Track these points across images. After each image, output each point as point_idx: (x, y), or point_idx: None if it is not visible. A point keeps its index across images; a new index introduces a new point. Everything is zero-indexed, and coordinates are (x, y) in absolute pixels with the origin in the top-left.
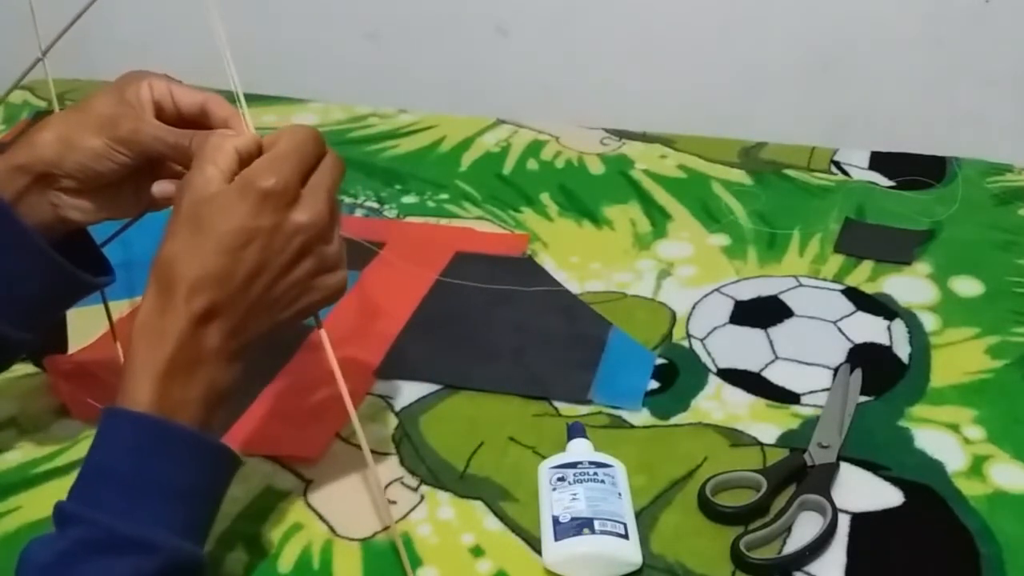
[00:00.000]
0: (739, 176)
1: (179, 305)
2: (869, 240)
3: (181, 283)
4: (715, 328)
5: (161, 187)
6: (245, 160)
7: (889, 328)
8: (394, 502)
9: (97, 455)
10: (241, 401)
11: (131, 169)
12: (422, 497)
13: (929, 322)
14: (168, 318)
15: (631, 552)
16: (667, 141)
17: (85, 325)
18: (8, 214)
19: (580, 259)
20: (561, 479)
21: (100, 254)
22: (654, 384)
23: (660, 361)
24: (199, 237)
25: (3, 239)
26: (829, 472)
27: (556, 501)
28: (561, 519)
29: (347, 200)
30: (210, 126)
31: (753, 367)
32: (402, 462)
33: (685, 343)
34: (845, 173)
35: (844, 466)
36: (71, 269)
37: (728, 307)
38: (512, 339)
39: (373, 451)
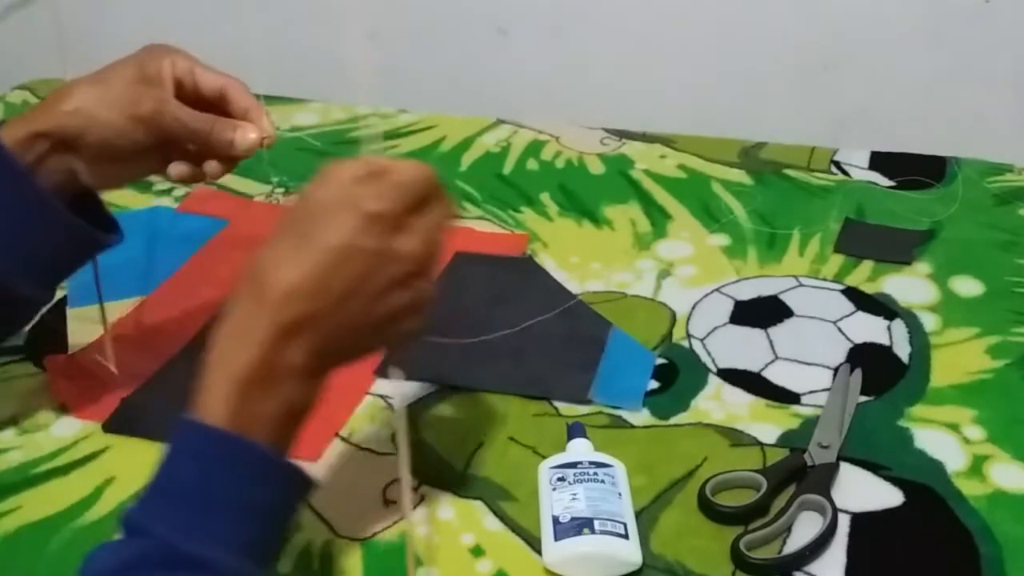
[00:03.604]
0: (739, 176)
1: (268, 315)
2: (869, 240)
3: (272, 291)
4: (715, 328)
5: (178, 169)
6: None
7: (889, 328)
8: (393, 501)
9: (166, 465)
10: None
11: (149, 144)
12: (422, 497)
13: (929, 322)
14: (254, 325)
15: (631, 552)
16: (667, 141)
17: (85, 325)
18: (26, 178)
19: (580, 259)
20: (561, 479)
21: (107, 212)
22: (654, 384)
23: (660, 361)
24: (300, 248)
25: (23, 202)
26: (829, 472)
27: (556, 501)
28: (561, 519)
29: None
30: (228, 111)
31: (753, 367)
32: None
33: (685, 343)
34: (845, 173)
35: (844, 466)
36: (88, 228)
37: (728, 307)
38: (512, 339)
39: (373, 451)
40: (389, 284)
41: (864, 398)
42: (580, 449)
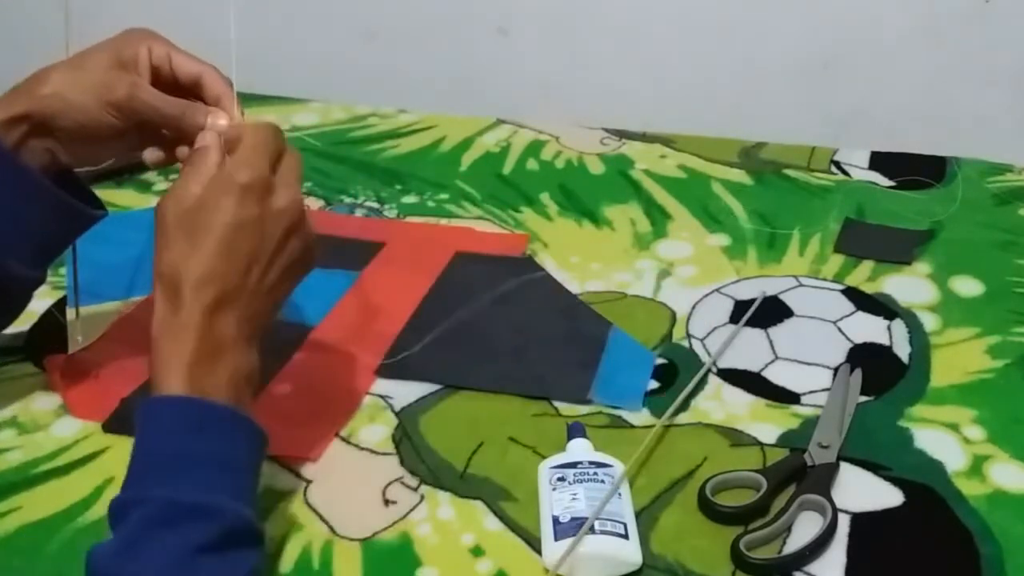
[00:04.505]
0: (739, 176)
1: (190, 303)
2: (869, 240)
3: (187, 284)
4: (715, 328)
5: (153, 155)
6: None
7: (889, 328)
8: (393, 502)
9: (141, 444)
10: None
11: (123, 128)
12: (422, 497)
13: (929, 322)
14: (182, 316)
15: (631, 552)
16: (667, 141)
17: (85, 325)
18: (11, 158)
19: (580, 259)
20: (561, 479)
21: (89, 190)
22: (654, 384)
23: (660, 361)
24: (193, 239)
25: (11, 181)
26: (829, 472)
27: (556, 501)
28: (561, 519)
29: (347, 200)
30: (203, 98)
31: (753, 367)
32: (402, 462)
33: (685, 343)
34: (845, 173)
35: (844, 466)
36: (75, 203)
37: (728, 307)
38: (512, 339)
39: (373, 451)
40: (280, 241)
41: (864, 398)
42: (580, 449)
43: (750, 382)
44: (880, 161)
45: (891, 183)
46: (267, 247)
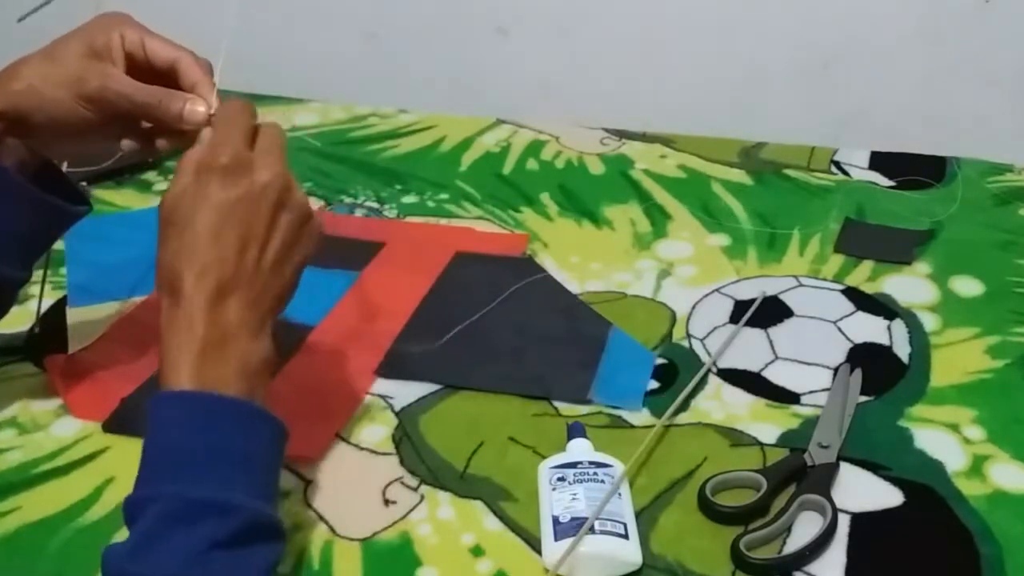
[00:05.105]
0: (739, 176)
1: (191, 294)
2: (869, 240)
3: (185, 277)
4: (715, 328)
5: (130, 145)
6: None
7: (889, 328)
8: (393, 502)
9: (153, 441)
10: None
11: (99, 121)
12: (422, 497)
13: (929, 322)
14: (185, 308)
15: (631, 552)
16: (667, 141)
17: (85, 325)
18: None
19: (580, 259)
20: (561, 479)
21: (73, 185)
22: (654, 384)
23: (660, 361)
24: (184, 233)
25: None
26: (829, 472)
27: (556, 501)
28: (561, 519)
29: (347, 200)
30: (179, 84)
31: (753, 367)
32: (402, 462)
33: (685, 343)
34: (845, 173)
35: (844, 466)
36: (55, 201)
37: (728, 307)
38: (512, 339)
39: (373, 451)
40: (271, 216)
41: (864, 398)
42: (580, 449)
43: (750, 382)
44: (880, 161)
45: (891, 183)
46: (258, 225)
